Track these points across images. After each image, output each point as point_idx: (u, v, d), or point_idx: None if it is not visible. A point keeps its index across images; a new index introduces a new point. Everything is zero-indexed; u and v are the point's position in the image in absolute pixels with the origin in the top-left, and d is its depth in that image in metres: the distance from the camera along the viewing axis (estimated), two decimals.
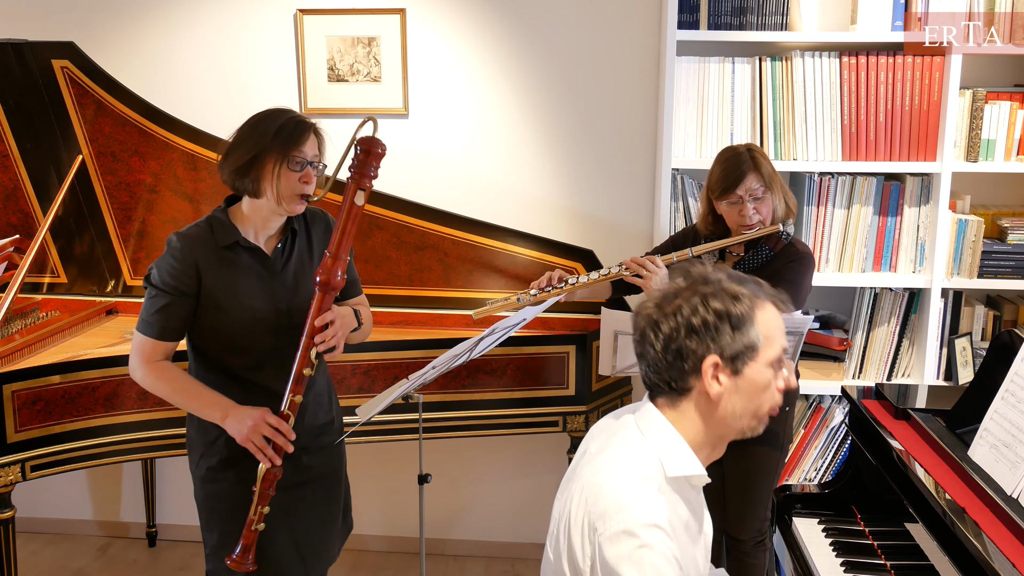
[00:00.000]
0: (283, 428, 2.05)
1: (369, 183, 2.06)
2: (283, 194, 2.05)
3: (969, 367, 3.04)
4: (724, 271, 1.53)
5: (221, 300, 2.08)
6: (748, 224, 2.51)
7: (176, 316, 2.08)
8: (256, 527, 2.08)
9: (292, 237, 2.18)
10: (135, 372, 2.12)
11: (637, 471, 1.48)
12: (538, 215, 3.38)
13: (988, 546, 1.65)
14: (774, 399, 1.53)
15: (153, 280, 2.08)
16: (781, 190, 2.55)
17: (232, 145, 2.07)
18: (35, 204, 3.20)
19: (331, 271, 2.04)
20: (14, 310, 3.10)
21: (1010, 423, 1.86)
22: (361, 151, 2.05)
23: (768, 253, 2.56)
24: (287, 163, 2.03)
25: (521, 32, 3.29)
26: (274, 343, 2.13)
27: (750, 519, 2.66)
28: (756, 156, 2.51)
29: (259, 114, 2.10)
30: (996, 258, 2.96)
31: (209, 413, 2.09)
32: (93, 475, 3.77)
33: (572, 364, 2.95)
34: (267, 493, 2.07)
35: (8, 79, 3.03)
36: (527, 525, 3.63)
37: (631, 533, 1.40)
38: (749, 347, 1.47)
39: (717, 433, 1.54)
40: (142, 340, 2.09)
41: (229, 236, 2.09)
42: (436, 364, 2.33)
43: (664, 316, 1.49)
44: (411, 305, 3.23)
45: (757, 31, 2.93)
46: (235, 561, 2.08)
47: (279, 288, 2.14)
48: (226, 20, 3.35)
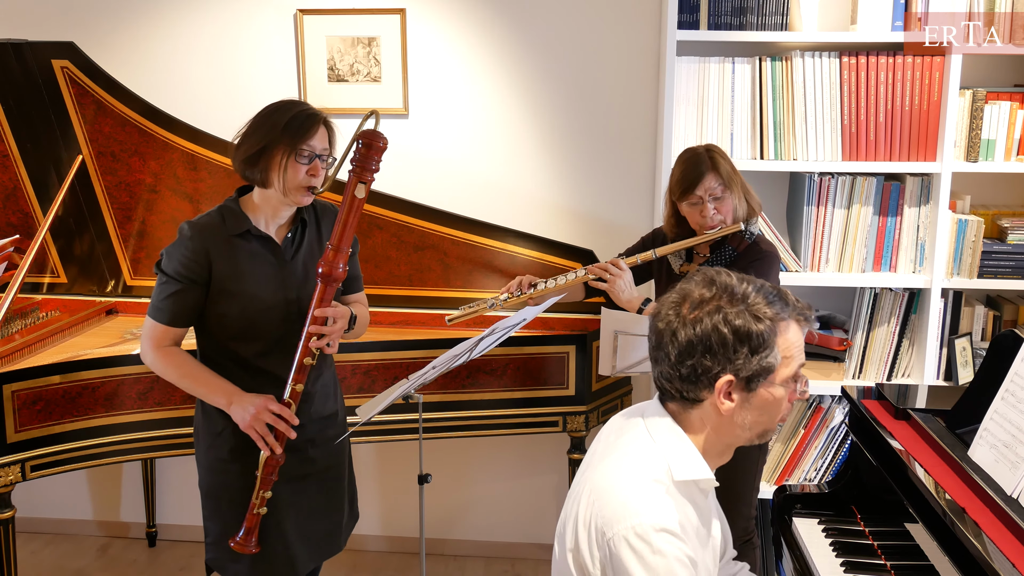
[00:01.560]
0: (286, 415, 2.09)
1: (370, 176, 2.09)
2: (289, 186, 2.08)
3: (969, 367, 3.04)
4: (752, 283, 1.49)
5: (231, 287, 2.10)
6: (710, 224, 2.52)
7: (186, 303, 2.11)
8: (259, 511, 2.13)
9: (302, 227, 2.21)
10: (145, 356, 2.17)
11: (645, 474, 1.47)
12: (538, 215, 3.38)
13: (988, 546, 1.64)
14: (785, 412, 1.53)
15: (164, 267, 2.10)
16: (742, 189, 2.55)
17: (244, 135, 2.11)
18: (35, 204, 3.20)
19: (333, 263, 2.08)
20: (14, 310, 3.10)
21: (1010, 423, 1.86)
22: (363, 144, 2.07)
23: (732, 253, 2.57)
24: (295, 155, 2.06)
25: (521, 32, 3.29)
26: (283, 331, 2.15)
27: (735, 518, 2.65)
28: (715, 156, 2.52)
29: (272, 105, 2.12)
30: (996, 258, 2.96)
31: (215, 399, 2.12)
32: (93, 475, 3.77)
33: (572, 364, 2.95)
34: (269, 479, 2.12)
35: (8, 79, 3.03)
36: (527, 525, 3.63)
37: (641, 537, 1.40)
38: (766, 369, 1.45)
39: (725, 441, 1.53)
40: (152, 325, 2.13)
41: (240, 224, 2.12)
42: (436, 364, 2.34)
43: (683, 324, 1.46)
44: (411, 305, 3.23)
45: (757, 31, 2.93)
46: (239, 543, 2.13)
47: (289, 276, 2.16)
48: (226, 20, 3.35)
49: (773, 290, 1.50)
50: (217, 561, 2.26)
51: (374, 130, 2.09)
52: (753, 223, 2.59)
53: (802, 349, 1.51)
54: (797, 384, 1.52)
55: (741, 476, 2.63)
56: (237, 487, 2.18)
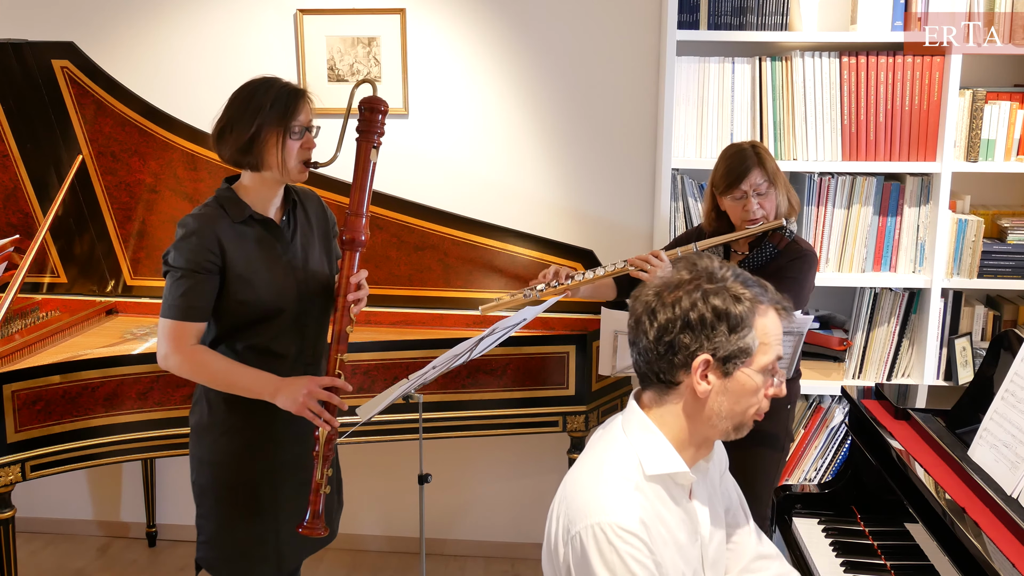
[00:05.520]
0: (338, 384, 2.11)
1: (379, 140, 2.15)
2: (288, 164, 2.08)
3: (969, 367, 3.04)
4: (732, 269, 1.51)
5: (245, 274, 2.09)
6: (752, 219, 2.53)
7: (203, 294, 2.06)
8: (324, 491, 2.12)
9: (294, 208, 2.22)
10: (167, 360, 2.09)
11: (612, 470, 1.47)
12: (538, 215, 3.38)
13: (988, 546, 1.65)
14: (761, 405, 1.52)
15: (174, 262, 2.05)
16: (784, 187, 2.57)
17: (226, 123, 2.08)
18: (35, 204, 3.20)
19: (355, 228, 2.14)
20: (14, 310, 3.10)
21: (1010, 423, 1.86)
22: (366, 110, 2.14)
23: (772, 251, 2.57)
24: (288, 134, 2.06)
25: (521, 32, 3.29)
26: (297, 311, 2.16)
27: None
28: (760, 152, 2.54)
29: (246, 88, 2.11)
30: (996, 258, 2.96)
31: (258, 392, 2.09)
32: (93, 475, 3.77)
33: (572, 364, 2.95)
34: (329, 455, 2.12)
35: (8, 79, 3.03)
36: (527, 525, 3.63)
37: (601, 535, 1.40)
38: (743, 350, 1.46)
39: (702, 433, 1.52)
40: (171, 325, 2.06)
41: (242, 211, 2.11)
42: (436, 364, 2.33)
43: (662, 305, 1.47)
44: (411, 305, 3.23)
45: (757, 31, 2.93)
46: (307, 527, 2.12)
47: (293, 257, 2.17)
48: (226, 20, 3.35)
49: (752, 278, 1.51)
50: (209, 560, 2.23)
51: (374, 96, 2.15)
52: (791, 222, 2.59)
53: (780, 340, 1.51)
54: (774, 377, 1.52)
55: (760, 478, 2.62)
56: (241, 482, 2.17)
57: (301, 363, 2.19)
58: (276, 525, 2.21)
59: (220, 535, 2.20)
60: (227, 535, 2.19)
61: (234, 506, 2.18)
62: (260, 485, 2.18)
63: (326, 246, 2.28)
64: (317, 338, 2.24)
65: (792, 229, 2.59)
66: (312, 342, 2.23)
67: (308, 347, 2.21)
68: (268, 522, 2.20)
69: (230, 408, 2.15)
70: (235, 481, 2.18)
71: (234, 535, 2.19)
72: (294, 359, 2.18)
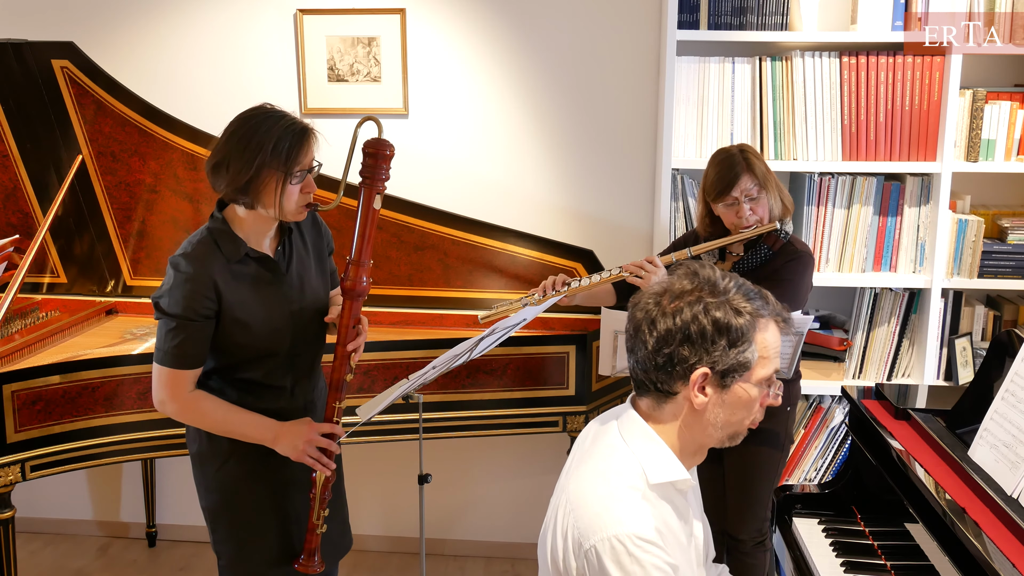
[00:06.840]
0: (337, 431, 2.13)
1: (382, 186, 2.07)
2: (287, 208, 2.00)
3: (969, 367, 3.04)
4: (734, 280, 1.49)
5: (241, 316, 2.03)
6: (745, 224, 2.52)
7: (199, 341, 2.00)
8: (320, 531, 2.14)
9: (289, 236, 2.15)
10: (164, 407, 2.05)
11: (619, 481, 1.46)
12: (538, 215, 3.38)
13: (988, 546, 1.65)
14: (756, 416, 1.52)
15: (168, 309, 1.97)
16: (776, 189, 2.55)
17: (223, 159, 1.96)
18: (35, 204, 3.20)
19: (356, 278, 2.08)
20: (14, 310, 3.10)
21: (1010, 423, 1.86)
22: (370, 155, 2.04)
23: (767, 252, 2.56)
24: (289, 179, 1.96)
25: (521, 32, 3.29)
26: (289, 345, 2.12)
27: (750, 519, 2.66)
28: (749, 156, 2.52)
29: (248, 122, 1.97)
30: (996, 258, 2.96)
31: (258, 438, 2.09)
32: (93, 475, 3.77)
33: (572, 364, 2.95)
34: (325, 497, 2.13)
35: (8, 79, 3.03)
36: (527, 525, 3.63)
37: (619, 547, 1.39)
38: (742, 364, 1.45)
39: (698, 441, 1.52)
40: (168, 374, 2.00)
41: (237, 249, 2.02)
42: (436, 364, 2.33)
43: (662, 314, 1.46)
44: (411, 305, 3.23)
45: (757, 31, 2.93)
46: (303, 564, 2.14)
47: (288, 290, 2.12)
48: (226, 20, 3.35)
49: (754, 289, 1.50)
50: None
51: (380, 139, 2.04)
52: (786, 222, 2.58)
53: (779, 353, 1.50)
54: (771, 388, 1.52)
55: (760, 478, 2.62)
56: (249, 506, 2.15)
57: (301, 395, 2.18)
58: (292, 541, 2.20)
59: (240, 558, 2.17)
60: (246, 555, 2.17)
61: (249, 529, 2.16)
62: (272, 505, 2.16)
63: (321, 267, 2.22)
64: (311, 368, 2.22)
65: (788, 230, 2.58)
66: (306, 372, 2.20)
67: (303, 378, 2.19)
68: (285, 539, 2.18)
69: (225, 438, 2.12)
70: (246, 504, 2.16)
71: (253, 556, 2.18)
72: (290, 391, 2.16)
